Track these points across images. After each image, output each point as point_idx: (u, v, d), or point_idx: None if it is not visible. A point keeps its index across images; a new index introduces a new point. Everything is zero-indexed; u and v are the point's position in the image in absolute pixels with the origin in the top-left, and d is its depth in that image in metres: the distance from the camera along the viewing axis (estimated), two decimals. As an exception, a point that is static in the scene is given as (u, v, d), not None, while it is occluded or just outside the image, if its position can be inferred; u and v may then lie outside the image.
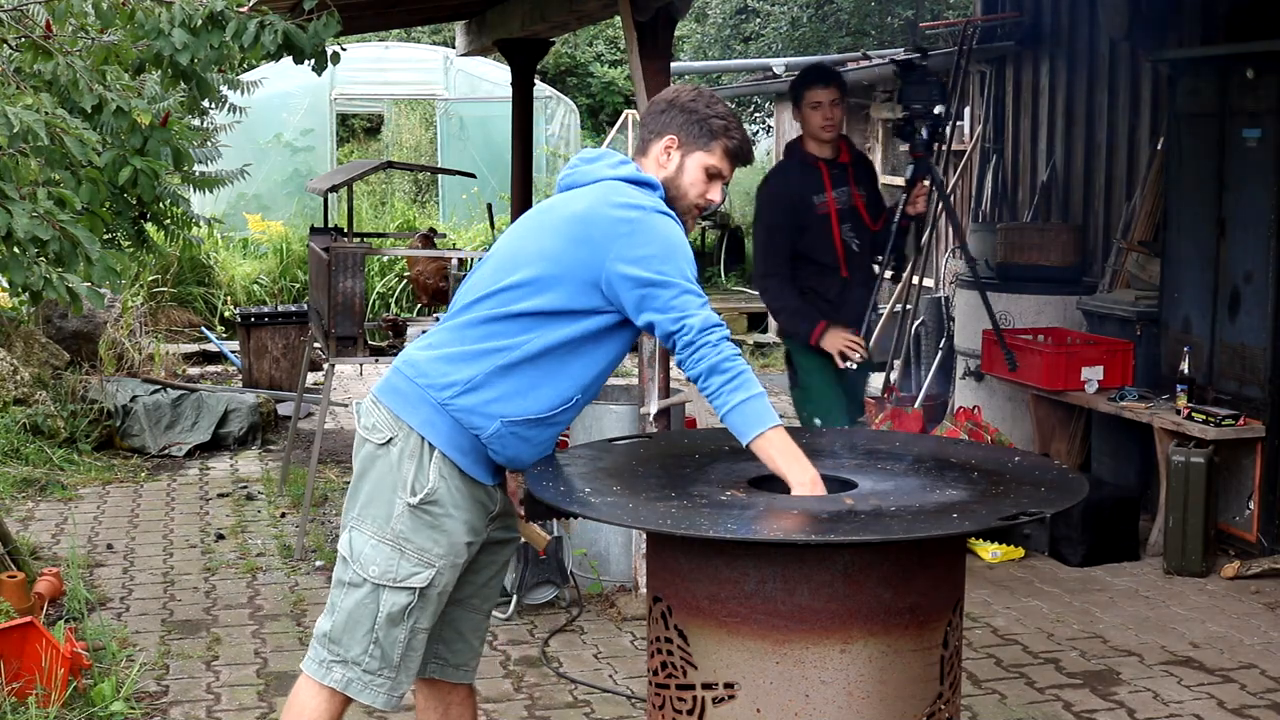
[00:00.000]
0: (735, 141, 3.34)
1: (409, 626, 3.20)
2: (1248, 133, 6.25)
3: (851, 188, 5.68)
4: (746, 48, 17.75)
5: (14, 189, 3.81)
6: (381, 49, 15.59)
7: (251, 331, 9.76)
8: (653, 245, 3.13)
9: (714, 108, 3.34)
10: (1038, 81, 8.69)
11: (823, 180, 5.60)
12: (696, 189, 3.34)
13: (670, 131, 3.33)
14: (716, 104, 3.35)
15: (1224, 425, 6.13)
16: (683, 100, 3.34)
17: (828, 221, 5.58)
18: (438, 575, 3.20)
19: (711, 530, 2.83)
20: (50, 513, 7.08)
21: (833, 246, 5.59)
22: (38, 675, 4.36)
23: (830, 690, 2.89)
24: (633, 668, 5.02)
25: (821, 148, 5.64)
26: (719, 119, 3.32)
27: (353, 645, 3.21)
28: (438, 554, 3.19)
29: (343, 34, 4.95)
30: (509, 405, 3.16)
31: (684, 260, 3.17)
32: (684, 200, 3.34)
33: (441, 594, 3.24)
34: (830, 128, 5.57)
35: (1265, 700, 4.79)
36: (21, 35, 4.58)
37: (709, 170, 3.33)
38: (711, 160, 3.32)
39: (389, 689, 3.23)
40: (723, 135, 3.32)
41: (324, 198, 8.06)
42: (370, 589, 3.19)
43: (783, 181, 5.68)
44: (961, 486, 3.20)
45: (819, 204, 5.59)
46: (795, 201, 5.58)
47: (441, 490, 3.18)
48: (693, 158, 3.32)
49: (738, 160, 3.37)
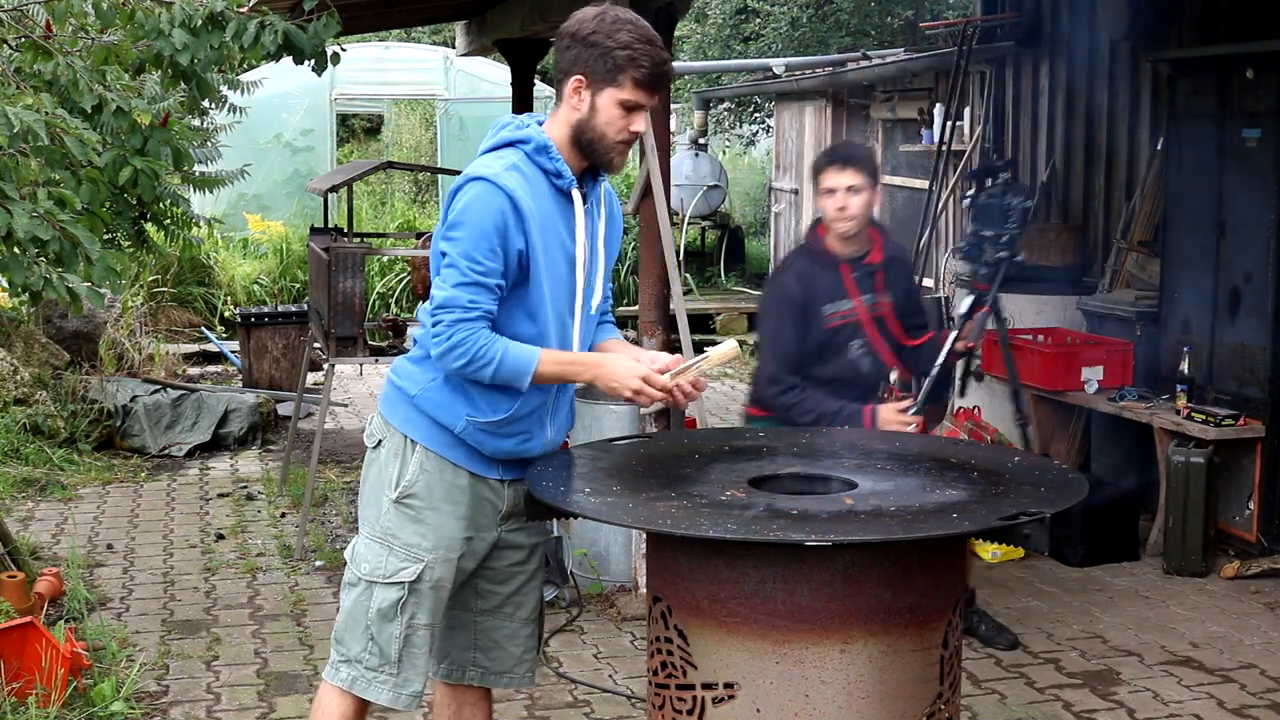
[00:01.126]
0: (644, 69, 3.06)
1: (404, 622, 3.19)
2: (1248, 133, 6.25)
3: (880, 294, 4.77)
4: (746, 48, 17.75)
5: (14, 189, 3.81)
6: (381, 49, 15.59)
7: (251, 331, 9.76)
8: (454, 212, 3.05)
9: (616, 36, 3.05)
10: (1038, 81, 8.69)
11: (843, 285, 4.71)
12: (614, 126, 3.10)
13: (576, 70, 3.09)
14: (619, 29, 3.06)
15: (1224, 425, 6.13)
16: (584, 33, 3.08)
17: (843, 334, 4.73)
18: (427, 569, 3.19)
19: (711, 530, 2.83)
20: (50, 513, 7.08)
21: (847, 363, 4.78)
22: (38, 675, 4.36)
23: (830, 690, 2.89)
24: (633, 668, 5.02)
25: (842, 243, 4.69)
26: (623, 49, 3.05)
27: (353, 644, 3.23)
28: (425, 548, 3.19)
29: (343, 34, 4.95)
30: (470, 405, 3.15)
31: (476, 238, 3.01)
32: (604, 141, 3.12)
33: (437, 588, 3.22)
34: (845, 221, 4.63)
35: (1265, 700, 4.80)
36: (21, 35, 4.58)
37: (624, 104, 3.08)
38: (623, 95, 3.07)
39: (394, 686, 3.22)
40: (629, 66, 3.05)
41: (324, 198, 8.07)
42: (364, 587, 3.21)
43: (795, 280, 4.73)
44: (961, 486, 3.20)
45: (830, 314, 4.70)
46: (808, 307, 4.67)
47: (421, 484, 3.18)
48: (603, 95, 3.08)
49: (654, 87, 3.10)
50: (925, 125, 10.26)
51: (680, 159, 14.68)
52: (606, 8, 3.13)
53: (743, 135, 19.54)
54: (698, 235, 15.60)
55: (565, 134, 3.14)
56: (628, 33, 3.05)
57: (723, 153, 19.33)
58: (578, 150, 3.15)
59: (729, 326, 13.53)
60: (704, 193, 14.91)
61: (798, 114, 12.88)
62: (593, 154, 3.15)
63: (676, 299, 5.64)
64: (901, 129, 11.35)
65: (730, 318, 13.66)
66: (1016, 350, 7.21)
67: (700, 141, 15.26)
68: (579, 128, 3.12)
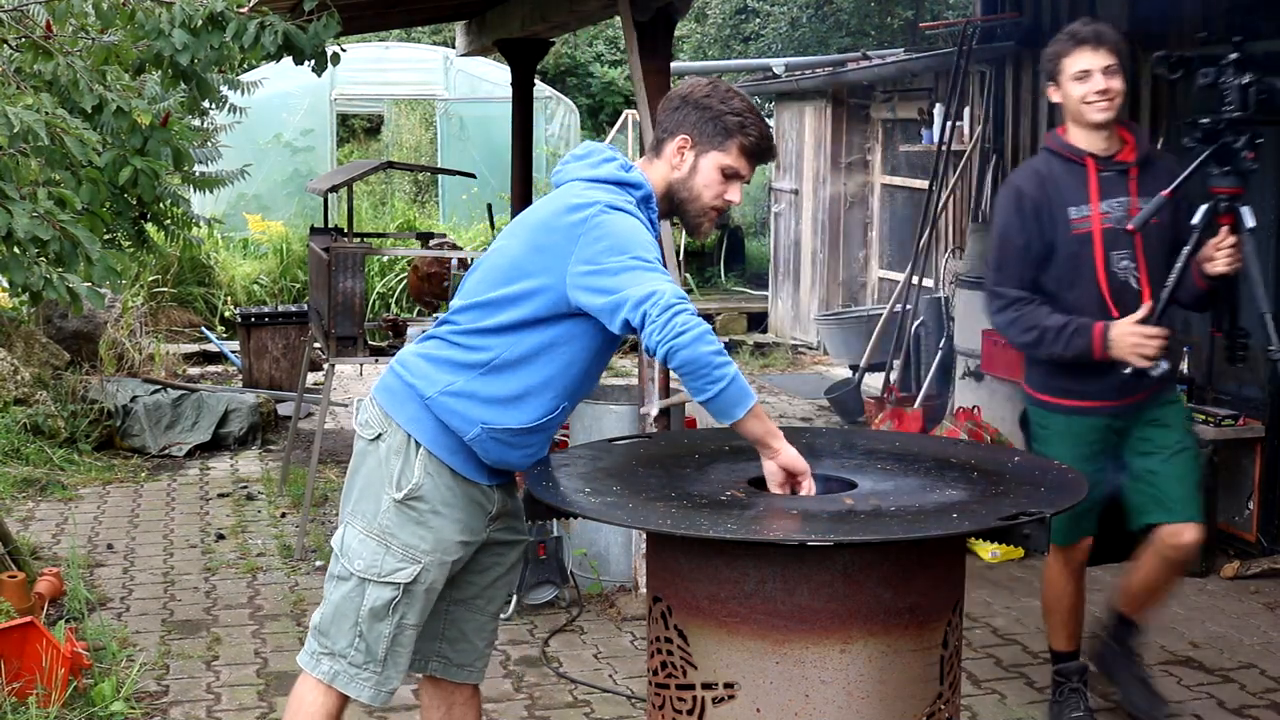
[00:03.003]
0: (753, 138, 3.16)
1: (394, 622, 3.19)
2: (1248, 133, 6.24)
3: (1132, 199, 4.09)
4: (746, 48, 17.75)
5: (14, 189, 3.82)
6: (381, 49, 15.59)
7: (251, 331, 9.76)
8: (604, 241, 2.98)
9: (729, 102, 3.16)
10: (1038, 81, 8.68)
11: (1088, 184, 4.09)
12: (711, 190, 3.19)
13: (684, 130, 3.17)
14: (733, 98, 3.17)
15: (1224, 425, 6.13)
16: (696, 96, 3.18)
17: (1089, 245, 4.06)
18: (424, 572, 3.18)
19: (711, 530, 2.83)
20: (50, 513, 7.08)
21: (1094, 281, 4.07)
22: (38, 675, 4.37)
23: (830, 690, 2.89)
24: (633, 668, 5.02)
25: (1091, 137, 4.10)
26: (734, 115, 3.15)
27: (339, 638, 3.21)
28: (424, 550, 3.18)
29: (343, 34, 4.95)
30: (490, 413, 3.13)
31: (639, 246, 2.98)
32: (697, 203, 3.20)
33: (429, 590, 3.22)
34: (1106, 105, 4.07)
35: (1265, 700, 4.80)
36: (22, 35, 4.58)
37: (725, 170, 3.17)
38: (727, 160, 3.16)
39: (375, 683, 3.22)
40: (738, 132, 3.15)
41: (324, 198, 8.07)
42: (356, 583, 3.19)
43: (1030, 179, 4.14)
44: (961, 486, 3.20)
45: (1076, 219, 4.07)
46: (1042, 211, 4.07)
47: (427, 487, 3.17)
48: (707, 158, 3.17)
49: (757, 158, 3.20)
50: (925, 125, 10.26)
51: (680, 159, 14.67)
52: (718, 79, 3.29)
53: (743, 135, 19.52)
54: (697, 235, 15.59)
55: (660, 190, 3.21)
56: (741, 102, 3.17)
57: (723, 153, 19.31)
58: (666, 206, 3.24)
59: (729, 326, 13.54)
60: (704, 193, 14.89)
61: (798, 114, 12.88)
62: (683, 215, 3.22)
63: (676, 299, 5.63)
64: (901, 129, 11.35)
65: (730, 318, 13.67)
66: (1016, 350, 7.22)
67: (700, 141, 15.25)
68: (675, 186, 3.20)
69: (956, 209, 9.81)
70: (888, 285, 11.40)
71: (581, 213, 3.02)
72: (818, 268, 12.46)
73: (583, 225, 3.01)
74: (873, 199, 12.03)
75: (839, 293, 12.28)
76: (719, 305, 13.90)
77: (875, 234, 11.99)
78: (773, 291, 13.50)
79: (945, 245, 9.93)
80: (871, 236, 12.05)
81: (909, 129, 11.07)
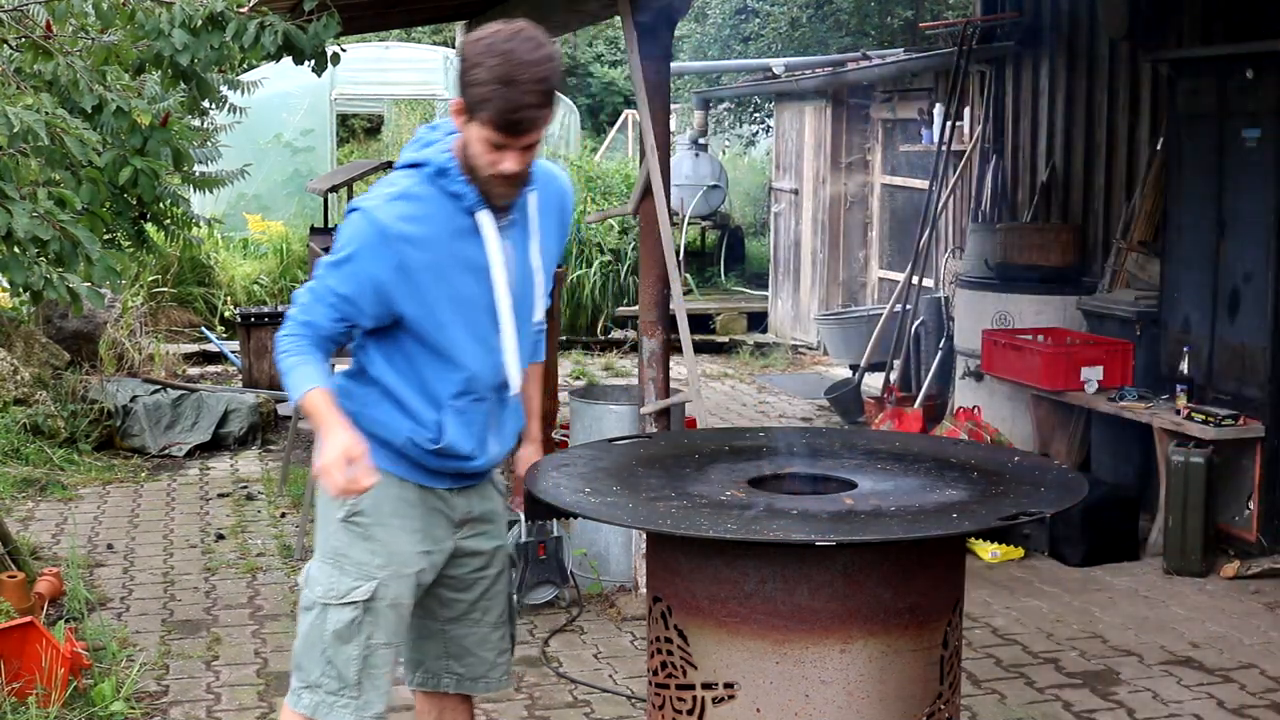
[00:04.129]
0: (494, 111, 2.81)
1: (361, 643, 3.08)
2: (1248, 133, 6.26)
3: None
4: (746, 48, 17.74)
5: (14, 189, 3.82)
6: (381, 49, 15.58)
7: (251, 331, 9.76)
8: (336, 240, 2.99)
9: (476, 70, 2.81)
10: (1038, 81, 8.69)
11: None
12: (482, 160, 2.91)
13: (459, 93, 2.90)
14: (485, 61, 2.81)
15: (1224, 425, 6.13)
16: (465, 54, 2.86)
17: None
18: (381, 587, 3.08)
19: (711, 530, 2.83)
20: (50, 513, 7.08)
21: None
22: (38, 675, 4.36)
23: (830, 690, 2.89)
24: (633, 668, 5.02)
25: None
26: (478, 86, 2.81)
27: (312, 668, 3.11)
28: (377, 565, 3.08)
29: (343, 34, 4.95)
30: (411, 422, 3.07)
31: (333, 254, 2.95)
32: (478, 173, 2.95)
33: (394, 606, 3.11)
34: None
35: (1265, 700, 4.79)
36: (22, 35, 4.58)
37: (487, 140, 2.88)
38: (484, 131, 2.86)
39: (356, 709, 3.09)
40: (480, 106, 2.83)
41: (324, 198, 8.07)
42: (319, 609, 3.10)
43: None
44: (961, 486, 3.20)
45: None
46: None
47: (366, 501, 3.05)
48: (471, 126, 2.89)
49: (508, 131, 2.84)
50: (925, 125, 10.26)
51: (680, 159, 14.68)
52: (502, 28, 2.86)
53: (743, 135, 19.54)
54: (698, 235, 15.60)
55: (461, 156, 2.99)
56: (488, 70, 2.80)
57: (723, 153, 19.32)
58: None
59: (729, 326, 13.54)
60: (704, 193, 14.91)
61: (798, 114, 12.88)
62: (475, 183, 2.98)
63: (676, 299, 5.64)
64: (901, 129, 11.35)
65: (730, 318, 13.67)
66: (1016, 350, 7.23)
67: (700, 141, 15.26)
68: (463, 151, 2.96)
69: (956, 209, 9.81)
70: (888, 285, 11.40)
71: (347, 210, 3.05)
72: (818, 268, 12.46)
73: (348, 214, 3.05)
74: (873, 199, 12.03)
75: (839, 293, 12.28)
76: (719, 305, 13.90)
77: (875, 234, 11.99)
78: (773, 291, 13.50)
79: (945, 245, 9.93)
80: (871, 236, 12.05)
81: (909, 129, 11.06)
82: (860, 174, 12.08)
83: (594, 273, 13.34)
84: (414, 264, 2.95)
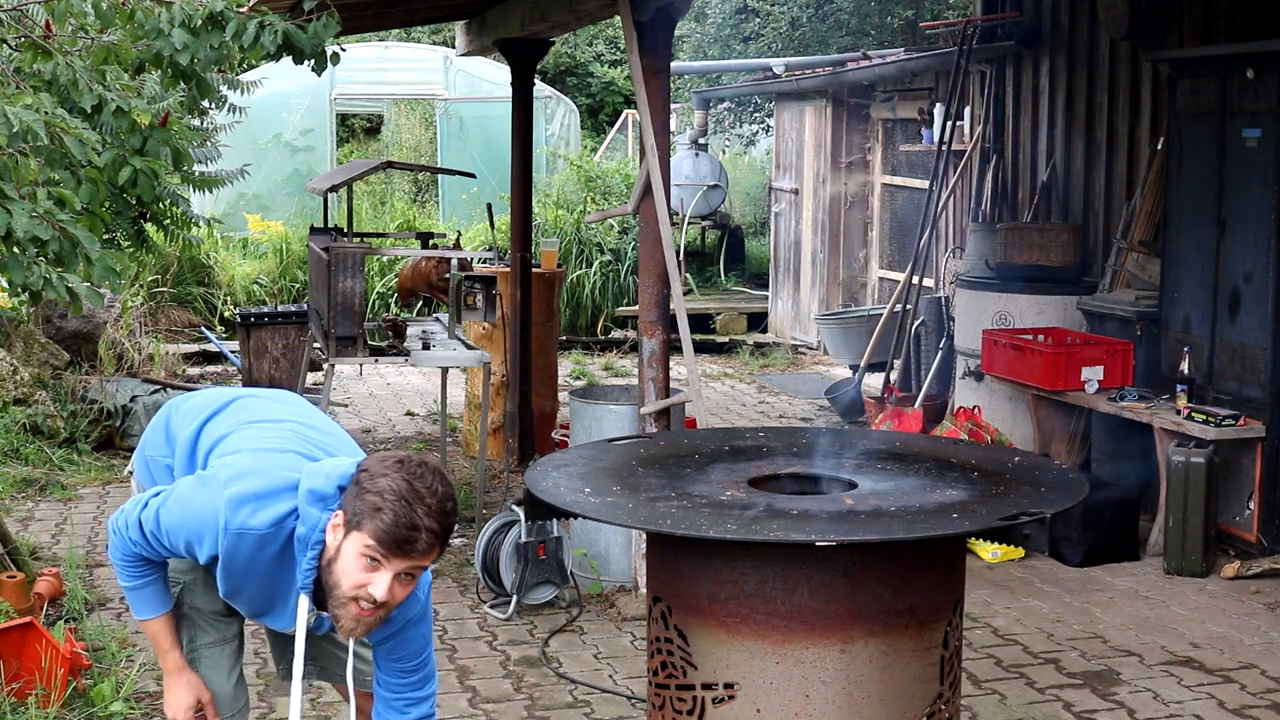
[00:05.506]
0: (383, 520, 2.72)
1: (184, 643, 3.25)
2: (1248, 133, 6.25)
3: None
4: (746, 48, 17.73)
5: (14, 189, 3.81)
6: (381, 49, 15.58)
7: (251, 331, 9.75)
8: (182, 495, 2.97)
9: (377, 480, 2.75)
10: (1038, 81, 8.69)
11: None
12: (349, 578, 2.77)
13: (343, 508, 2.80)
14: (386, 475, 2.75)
15: (1224, 425, 6.13)
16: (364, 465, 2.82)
17: None
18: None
19: (711, 530, 2.83)
20: (50, 513, 7.08)
21: None
22: (38, 675, 4.36)
23: (830, 690, 2.89)
24: (633, 668, 5.01)
25: None
26: (373, 494, 2.73)
27: None
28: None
29: (342, 34, 4.95)
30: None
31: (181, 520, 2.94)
32: (335, 590, 2.81)
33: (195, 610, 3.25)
34: None
35: (1265, 700, 4.79)
36: (21, 35, 4.58)
37: (364, 555, 2.75)
38: (364, 543, 2.74)
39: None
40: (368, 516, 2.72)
41: (324, 198, 8.06)
42: None
43: None
44: (961, 486, 3.20)
45: None
46: None
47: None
48: (348, 541, 2.77)
49: (394, 546, 2.73)
50: (925, 125, 10.26)
51: (680, 159, 14.68)
52: (410, 457, 2.83)
53: (743, 135, 19.53)
54: (698, 235, 15.59)
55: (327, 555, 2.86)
56: (390, 482, 2.74)
57: (723, 153, 19.31)
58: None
59: (729, 326, 13.54)
60: (704, 193, 14.91)
61: (798, 114, 12.88)
62: (328, 603, 2.85)
63: (676, 299, 5.64)
64: (901, 129, 11.35)
65: (730, 317, 13.66)
66: (1016, 350, 7.23)
67: (700, 141, 15.25)
68: (325, 566, 2.83)
69: (957, 209, 9.81)
70: (888, 285, 11.40)
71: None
72: (818, 268, 12.45)
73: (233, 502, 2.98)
74: (873, 199, 12.03)
75: (839, 293, 12.27)
76: (719, 305, 13.89)
77: (875, 234, 11.99)
78: (773, 291, 13.49)
79: (945, 245, 9.93)
80: (871, 236, 12.05)
81: (909, 129, 11.06)
82: (860, 174, 12.08)
83: (594, 273, 13.33)
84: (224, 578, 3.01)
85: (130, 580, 3.11)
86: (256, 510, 2.86)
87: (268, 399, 3.35)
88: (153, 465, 3.34)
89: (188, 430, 3.23)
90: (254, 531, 2.87)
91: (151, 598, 3.13)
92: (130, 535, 3.04)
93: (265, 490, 2.88)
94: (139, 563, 3.08)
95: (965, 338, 8.05)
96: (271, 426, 3.14)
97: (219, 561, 2.93)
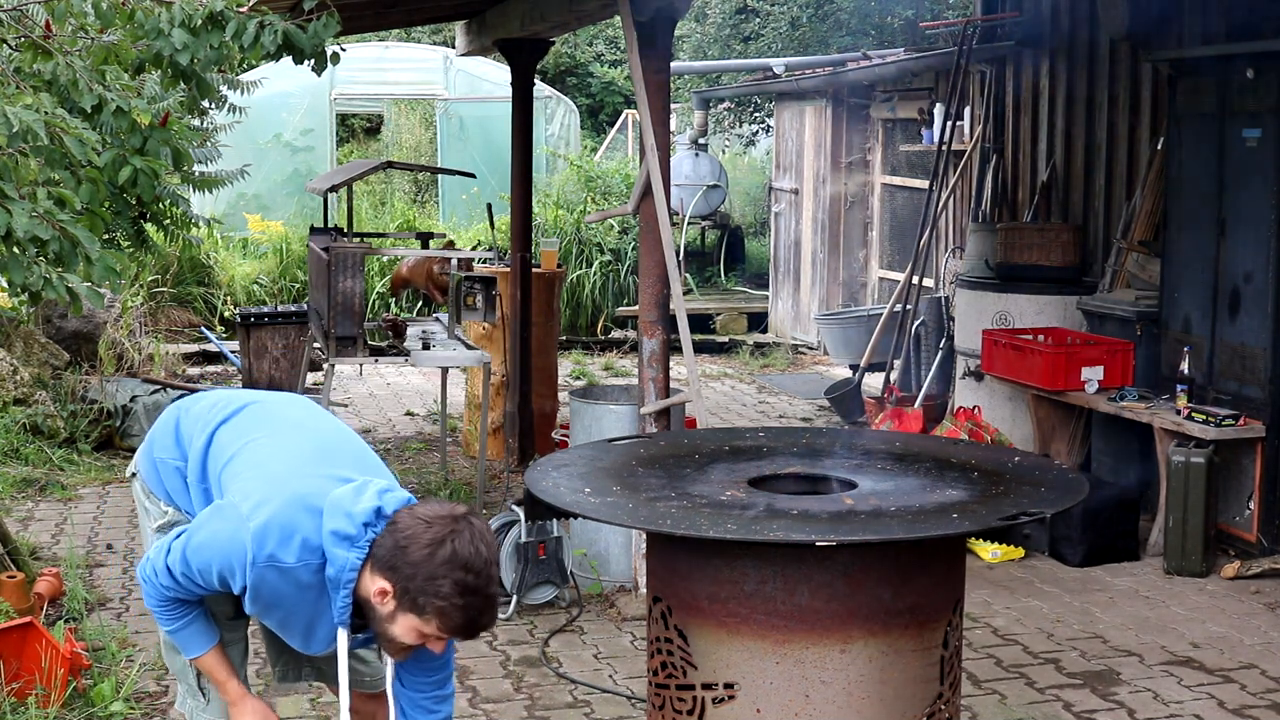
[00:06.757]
0: (453, 619, 2.79)
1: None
2: (1248, 133, 6.25)
3: None
4: (746, 48, 17.73)
5: (14, 189, 3.81)
6: (381, 49, 15.58)
7: (251, 331, 9.74)
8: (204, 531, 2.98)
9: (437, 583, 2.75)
10: (1038, 81, 8.69)
11: None
12: (402, 640, 2.89)
13: (391, 577, 2.82)
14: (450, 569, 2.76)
15: (1224, 425, 6.13)
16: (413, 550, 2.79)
17: None
18: None
19: (711, 530, 2.83)
20: (50, 513, 7.08)
21: None
22: (38, 675, 4.36)
23: (830, 690, 2.89)
24: (633, 668, 5.01)
25: None
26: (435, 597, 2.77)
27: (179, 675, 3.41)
28: None
29: (342, 34, 4.95)
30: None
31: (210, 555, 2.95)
32: (390, 644, 2.94)
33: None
34: None
35: (1265, 700, 4.79)
36: (21, 35, 4.58)
37: (422, 633, 2.86)
38: (426, 629, 2.84)
39: (210, 710, 3.35)
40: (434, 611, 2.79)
41: (324, 198, 8.06)
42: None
43: None
44: (961, 486, 3.20)
45: None
46: None
47: None
48: (407, 617, 2.84)
49: (463, 634, 2.85)
50: (925, 125, 10.26)
51: (680, 159, 14.68)
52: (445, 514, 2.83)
53: (743, 135, 19.53)
54: (698, 235, 15.60)
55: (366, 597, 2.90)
56: (452, 585, 2.76)
57: (723, 153, 19.32)
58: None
59: (729, 326, 13.54)
60: (704, 193, 14.92)
61: (798, 114, 12.88)
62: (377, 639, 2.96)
63: (676, 299, 5.64)
64: (901, 129, 11.35)
65: (730, 317, 13.66)
66: (1016, 350, 7.23)
67: (700, 141, 15.26)
68: (375, 617, 2.89)
69: (957, 209, 9.81)
70: (888, 285, 11.40)
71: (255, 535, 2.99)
72: (818, 268, 12.45)
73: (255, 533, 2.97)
74: (873, 199, 12.03)
75: (839, 293, 12.27)
76: (719, 305, 13.89)
77: (875, 234, 11.99)
78: (773, 291, 13.49)
79: (945, 245, 9.93)
80: (871, 236, 12.05)
81: (909, 129, 11.06)
82: (860, 174, 12.08)
83: (594, 273, 13.33)
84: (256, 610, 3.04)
85: (171, 624, 3.13)
86: (282, 542, 2.89)
87: (278, 404, 3.35)
88: (162, 468, 3.34)
89: (199, 439, 3.24)
90: (282, 564, 2.90)
91: (196, 634, 3.16)
92: (161, 582, 3.05)
93: (287, 522, 2.90)
94: (175, 605, 3.10)
95: (965, 338, 8.05)
96: (283, 442, 3.14)
97: (246, 590, 2.96)
